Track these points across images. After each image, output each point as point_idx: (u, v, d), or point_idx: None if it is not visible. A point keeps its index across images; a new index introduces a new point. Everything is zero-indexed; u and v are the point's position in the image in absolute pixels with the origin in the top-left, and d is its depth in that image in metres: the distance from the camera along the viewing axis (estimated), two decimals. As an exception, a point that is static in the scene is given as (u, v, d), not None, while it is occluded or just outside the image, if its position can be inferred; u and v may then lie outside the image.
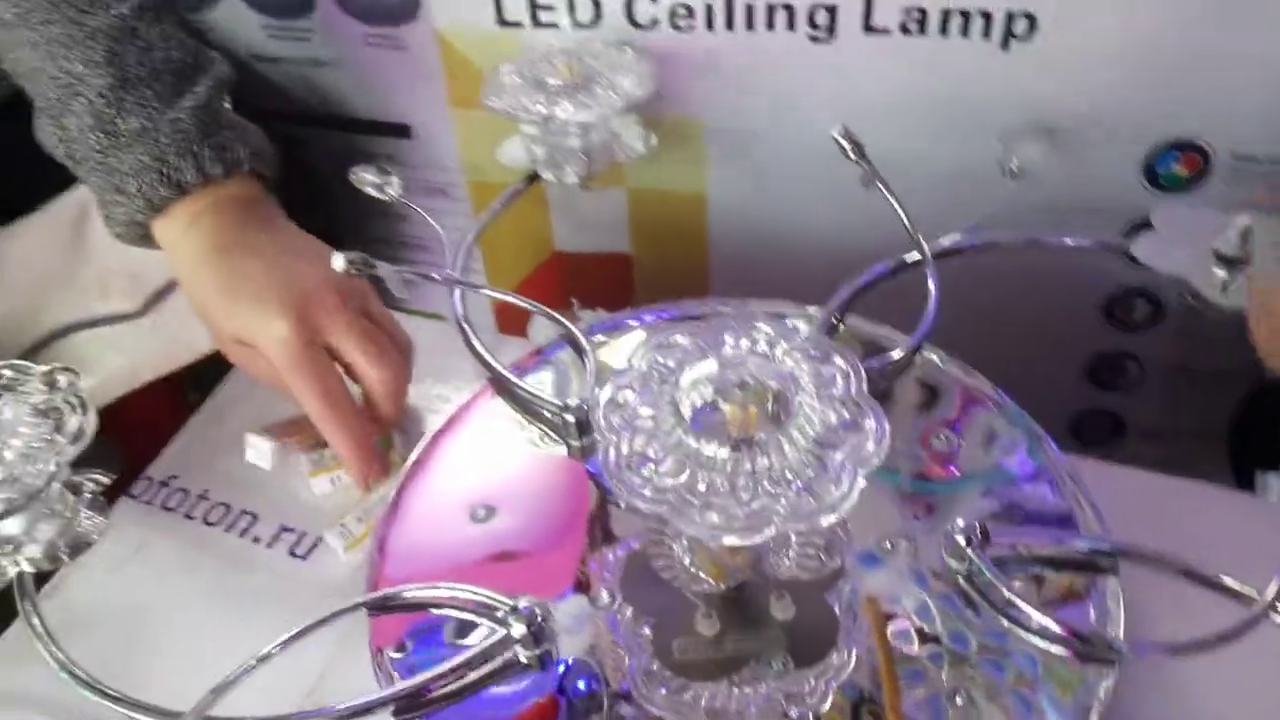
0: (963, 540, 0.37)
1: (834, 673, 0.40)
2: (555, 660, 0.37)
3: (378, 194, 0.56)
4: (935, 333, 0.49)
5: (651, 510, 0.32)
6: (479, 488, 0.48)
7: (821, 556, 0.42)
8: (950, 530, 0.37)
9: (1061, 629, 0.35)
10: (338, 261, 0.46)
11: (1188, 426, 0.58)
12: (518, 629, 0.36)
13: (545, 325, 0.53)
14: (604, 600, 0.41)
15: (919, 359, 0.51)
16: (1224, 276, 0.48)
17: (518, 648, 0.37)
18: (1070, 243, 0.52)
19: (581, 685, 0.41)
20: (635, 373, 0.36)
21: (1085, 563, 0.39)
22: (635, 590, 0.42)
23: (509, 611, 0.36)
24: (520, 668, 0.37)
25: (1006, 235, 0.52)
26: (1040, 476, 0.46)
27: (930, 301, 0.47)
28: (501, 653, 0.36)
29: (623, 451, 0.34)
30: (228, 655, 0.35)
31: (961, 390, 0.50)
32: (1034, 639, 0.36)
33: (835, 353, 0.36)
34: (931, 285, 0.48)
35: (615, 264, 0.78)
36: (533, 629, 0.36)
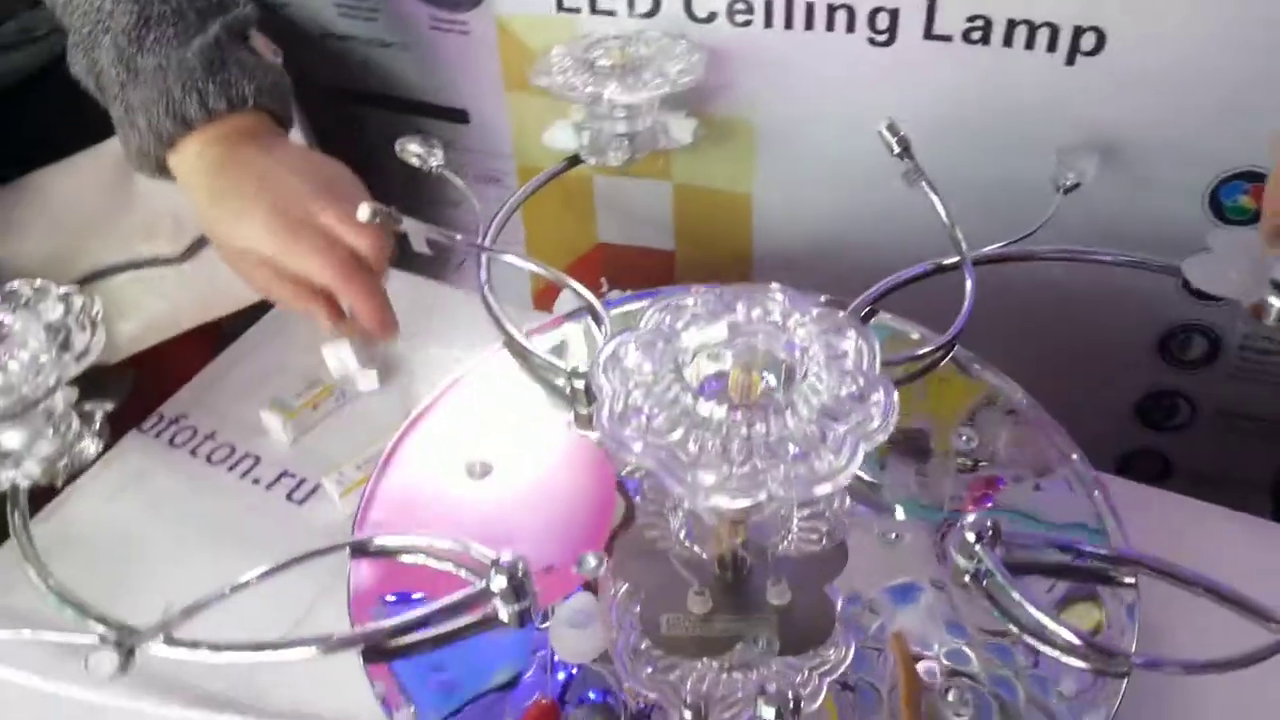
0: (972, 537, 0.35)
1: (829, 667, 0.38)
2: (533, 620, 0.36)
3: (421, 165, 0.57)
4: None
5: (641, 464, 0.31)
6: (479, 445, 0.47)
7: (824, 539, 0.40)
8: (960, 526, 0.36)
9: (1073, 635, 0.33)
10: (363, 212, 0.47)
11: (1234, 474, 0.55)
12: (498, 582, 0.35)
13: (571, 300, 0.53)
14: (589, 564, 0.40)
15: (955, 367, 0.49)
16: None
17: (497, 601, 0.36)
18: (1109, 259, 0.50)
19: (592, 695, 0.39)
20: (641, 331, 0.35)
21: (1101, 573, 0.36)
22: (629, 565, 0.41)
23: (490, 564, 0.35)
24: (498, 623, 0.36)
25: (1048, 247, 0.50)
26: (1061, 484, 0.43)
27: (966, 299, 0.46)
28: (479, 604, 0.35)
29: (617, 407, 0.33)
30: (212, 588, 0.35)
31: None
32: (1043, 646, 0.34)
33: (849, 327, 0.34)
34: (969, 283, 0.46)
35: (657, 259, 0.78)
36: (513, 583, 0.35)
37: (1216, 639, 0.32)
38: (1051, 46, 0.57)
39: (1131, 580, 0.36)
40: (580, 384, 0.46)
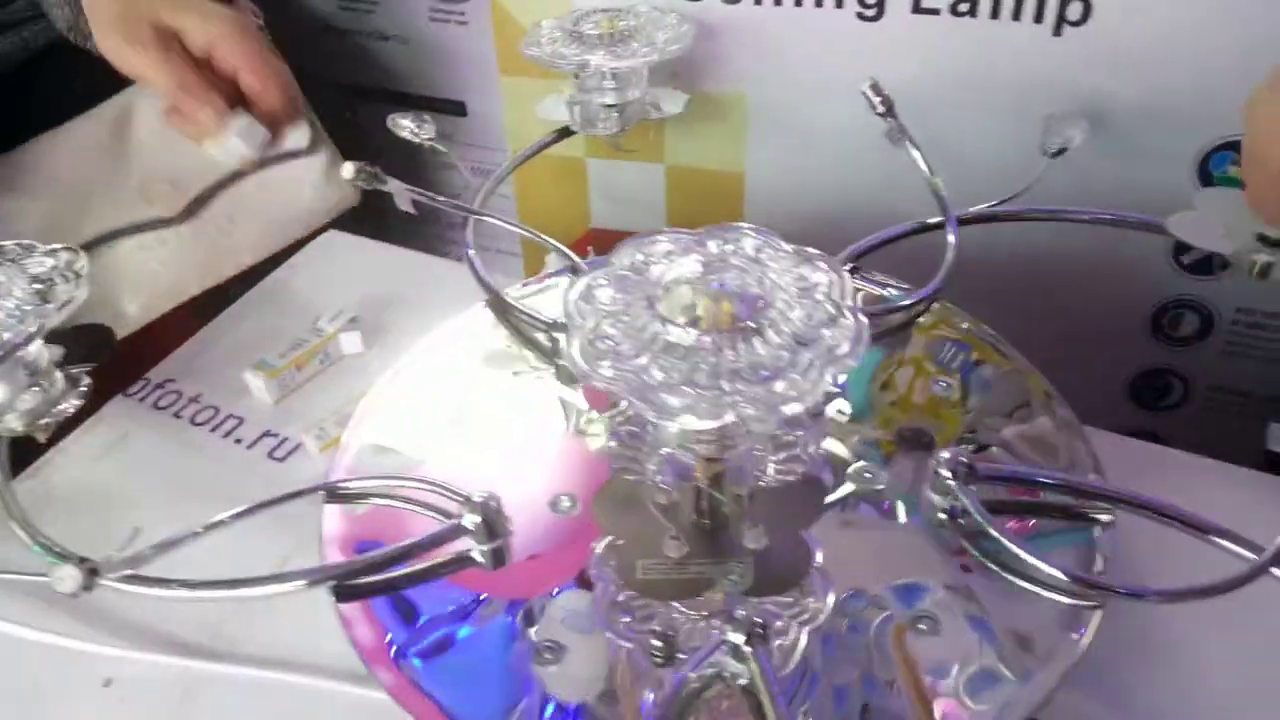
0: (947, 473, 0.35)
1: (805, 614, 0.37)
2: (506, 561, 0.36)
3: (413, 138, 0.57)
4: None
5: (611, 390, 0.31)
6: (456, 397, 0.47)
7: (800, 470, 0.40)
8: (934, 462, 0.35)
9: (1049, 567, 0.33)
10: (347, 170, 0.47)
11: (1227, 453, 0.55)
12: (470, 519, 0.35)
13: (555, 264, 0.53)
14: (564, 505, 0.40)
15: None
16: (1267, 259, 0.46)
17: (470, 540, 0.35)
18: (1088, 218, 0.50)
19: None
20: (613, 268, 0.35)
21: (1078, 510, 0.36)
22: (608, 513, 0.40)
23: (462, 502, 0.35)
24: (471, 563, 0.36)
25: (1034, 206, 0.50)
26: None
27: (948, 253, 0.46)
28: (451, 540, 0.35)
29: (588, 335, 0.33)
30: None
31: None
32: (1022, 581, 0.34)
33: (820, 259, 0.34)
34: (950, 237, 0.46)
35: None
36: (487, 519, 0.35)
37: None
38: (1038, 18, 0.58)
39: (1109, 518, 0.36)
40: (561, 337, 0.46)
